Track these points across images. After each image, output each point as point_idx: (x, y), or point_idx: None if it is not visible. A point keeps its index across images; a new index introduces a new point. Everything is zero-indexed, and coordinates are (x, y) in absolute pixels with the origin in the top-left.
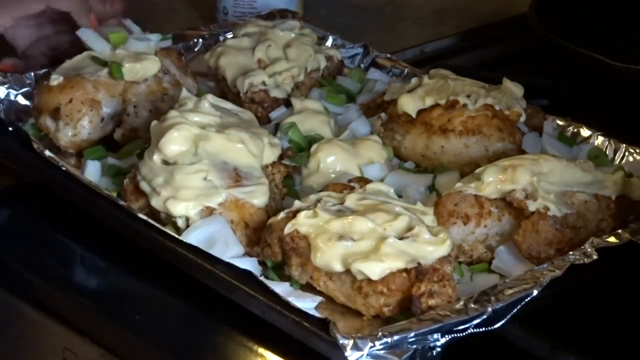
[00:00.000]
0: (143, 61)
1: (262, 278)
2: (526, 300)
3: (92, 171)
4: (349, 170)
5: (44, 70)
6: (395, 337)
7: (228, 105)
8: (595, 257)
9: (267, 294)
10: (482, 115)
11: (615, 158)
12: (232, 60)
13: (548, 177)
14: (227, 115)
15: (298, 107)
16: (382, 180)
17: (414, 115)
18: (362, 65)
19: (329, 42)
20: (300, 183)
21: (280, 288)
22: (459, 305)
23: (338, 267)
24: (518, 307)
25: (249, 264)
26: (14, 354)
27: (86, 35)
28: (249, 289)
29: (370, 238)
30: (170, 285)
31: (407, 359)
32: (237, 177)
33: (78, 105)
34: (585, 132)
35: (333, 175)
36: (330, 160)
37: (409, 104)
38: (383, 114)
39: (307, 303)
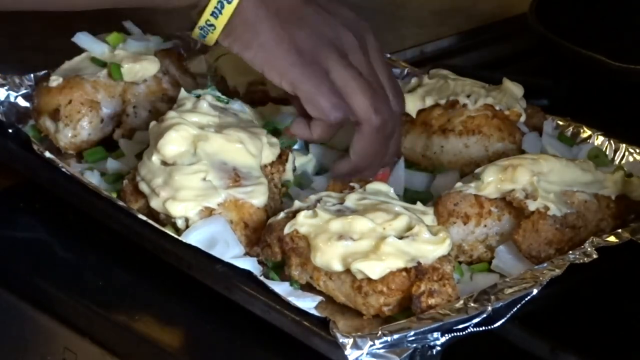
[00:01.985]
0: (142, 62)
1: (262, 278)
2: (526, 299)
3: (92, 179)
4: None
5: (43, 72)
6: (395, 336)
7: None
8: (595, 256)
9: (267, 293)
10: (482, 115)
11: (615, 158)
12: (231, 61)
13: (548, 177)
14: (225, 115)
15: None
16: None
17: (414, 116)
18: None
19: None
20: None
21: (280, 288)
22: (459, 304)
23: (338, 266)
24: (518, 306)
25: (249, 264)
26: (14, 354)
27: (82, 39)
28: (249, 289)
29: (370, 237)
30: (170, 286)
31: (407, 357)
32: (236, 177)
33: (77, 106)
34: (585, 132)
35: None
36: None
37: (409, 105)
38: None
39: (307, 303)
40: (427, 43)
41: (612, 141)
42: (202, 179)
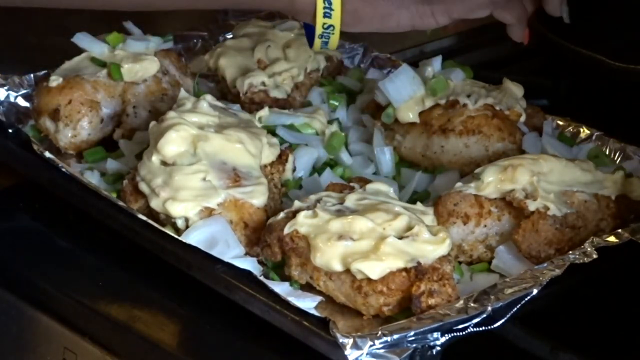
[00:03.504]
0: (142, 62)
1: (262, 278)
2: (526, 299)
3: (92, 179)
4: None
5: (43, 72)
6: (395, 336)
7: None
8: (595, 256)
9: (267, 293)
10: (482, 115)
11: (615, 158)
12: (231, 61)
13: (548, 177)
14: (225, 115)
15: None
16: None
17: (417, 121)
18: (362, 65)
19: None
20: None
21: (280, 288)
22: (459, 304)
23: (338, 266)
24: (518, 306)
25: (249, 264)
26: (14, 354)
27: (82, 39)
28: (249, 289)
29: (370, 238)
30: (170, 286)
31: (407, 357)
32: (236, 177)
33: (77, 106)
34: (585, 132)
35: None
36: None
37: (409, 111)
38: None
39: (307, 303)
40: (427, 43)
41: (612, 141)
42: (202, 179)
